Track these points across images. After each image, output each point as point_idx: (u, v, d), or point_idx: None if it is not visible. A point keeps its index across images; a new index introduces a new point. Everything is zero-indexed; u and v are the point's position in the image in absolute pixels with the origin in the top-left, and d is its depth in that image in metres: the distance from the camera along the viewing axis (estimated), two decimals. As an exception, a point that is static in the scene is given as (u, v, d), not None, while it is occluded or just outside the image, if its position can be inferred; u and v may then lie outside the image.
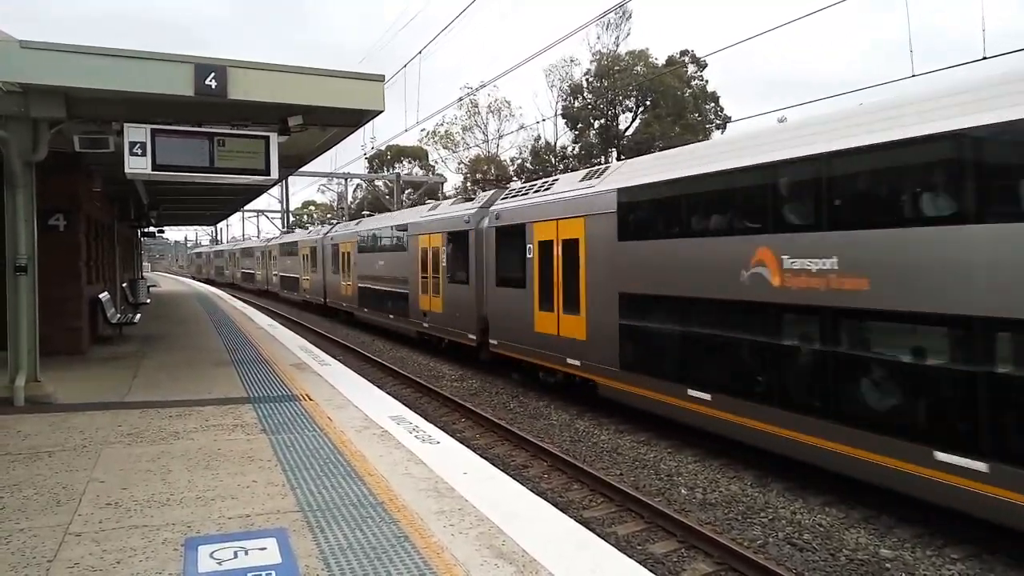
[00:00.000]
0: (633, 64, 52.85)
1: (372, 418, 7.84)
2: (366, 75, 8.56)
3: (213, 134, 8.44)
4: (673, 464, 9.70)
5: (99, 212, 15.80)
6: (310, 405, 8.50)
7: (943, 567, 6.56)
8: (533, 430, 11.72)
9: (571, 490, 8.93)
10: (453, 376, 16.84)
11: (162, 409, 8.17)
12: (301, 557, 4.20)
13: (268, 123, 8.74)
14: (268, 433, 7.13)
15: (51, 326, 10.37)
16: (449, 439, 7.24)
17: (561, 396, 13.62)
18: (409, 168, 71.28)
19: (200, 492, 5.34)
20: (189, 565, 4.08)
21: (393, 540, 4.48)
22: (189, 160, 8.37)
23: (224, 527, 4.67)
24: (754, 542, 7.22)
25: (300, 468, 5.95)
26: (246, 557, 4.20)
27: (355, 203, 69.57)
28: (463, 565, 4.13)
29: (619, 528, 7.70)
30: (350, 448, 6.59)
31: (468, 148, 63.09)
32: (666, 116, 51.51)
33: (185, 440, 6.84)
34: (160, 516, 4.84)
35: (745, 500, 8.32)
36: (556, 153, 56.35)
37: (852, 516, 7.73)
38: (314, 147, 12.08)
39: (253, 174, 8.70)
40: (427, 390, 14.99)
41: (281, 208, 62.32)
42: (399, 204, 46.44)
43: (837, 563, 6.73)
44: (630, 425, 11.54)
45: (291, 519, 4.81)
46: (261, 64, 8.15)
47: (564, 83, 55.30)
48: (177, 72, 7.67)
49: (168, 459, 6.19)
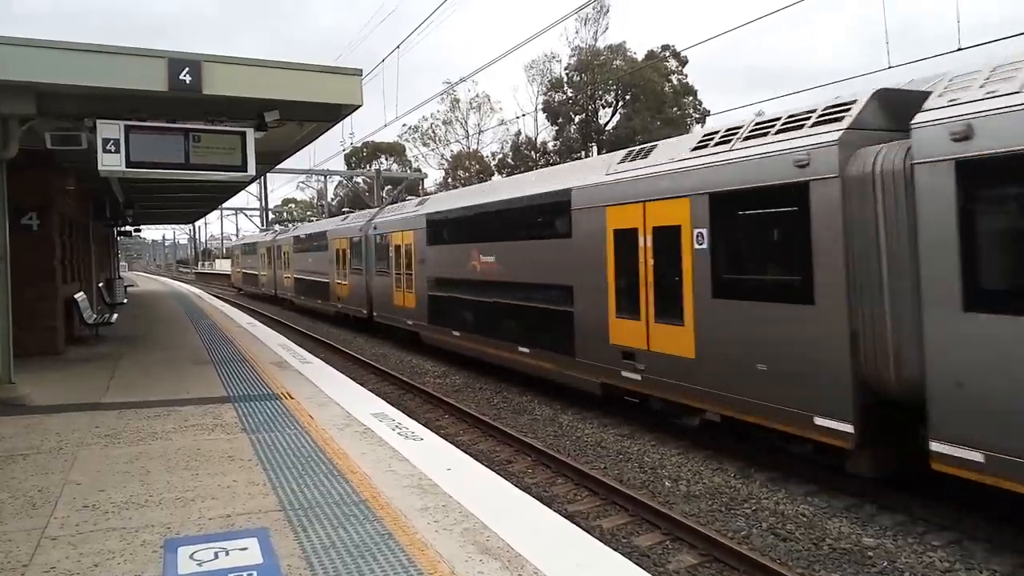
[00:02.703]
0: (612, 58, 52.97)
1: (354, 415, 7.78)
2: (343, 69, 8.51)
3: (188, 130, 8.33)
4: (656, 457, 9.72)
5: (73, 210, 15.54)
6: (291, 403, 8.41)
7: (924, 554, 6.62)
8: (517, 425, 11.70)
9: (556, 484, 8.92)
10: (436, 372, 16.78)
11: (140, 410, 8.05)
12: (283, 557, 4.14)
13: (244, 118, 8.64)
14: (249, 432, 7.05)
15: (25, 327, 10.20)
16: (433, 435, 7.20)
17: (544, 391, 13.63)
18: (387, 164, 70.96)
19: (179, 493, 5.26)
20: (169, 567, 4.01)
21: (376, 538, 4.43)
22: (164, 157, 8.25)
23: (204, 528, 4.60)
24: (738, 533, 7.24)
25: (281, 467, 5.88)
26: (227, 558, 4.14)
27: (335, 200, 69.13)
28: (448, 561, 4.10)
29: (604, 522, 7.69)
30: (332, 446, 6.53)
31: (448, 144, 62.94)
32: (646, 111, 51.71)
33: (164, 441, 6.74)
34: (139, 518, 4.76)
35: (728, 491, 8.35)
36: (537, 148, 56.36)
37: (834, 505, 7.79)
38: (292, 143, 11.97)
39: (230, 170, 8.61)
40: (410, 387, 14.91)
41: (260, 206, 61.78)
42: (379, 201, 46.15)
43: (820, 552, 6.77)
44: (614, 419, 11.56)
45: (273, 518, 4.75)
46: (237, 59, 8.05)
47: (545, 78, 55.35)
48: (150, 67, 7.55)
49: (146, 460, 6.10)
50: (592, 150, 51.13)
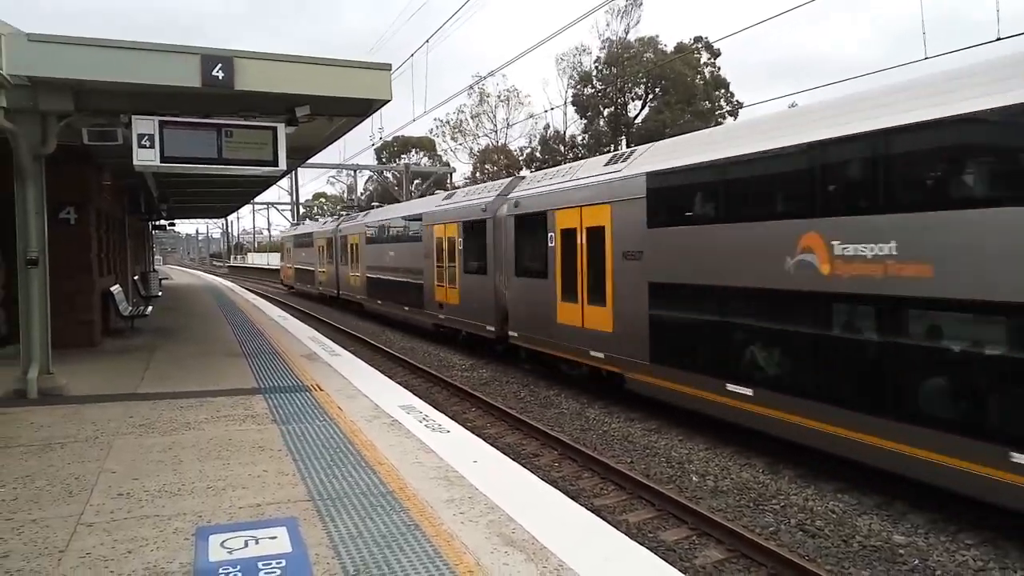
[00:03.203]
0: (643, 51, 52.48)
1: (382, 408, 7.85)
2: (373, 64, 8.55)
3: (221, 125, 8.44)
4: (684, 452, 9.67)
5: (109, 205, 15.86)
6: (320, 395, 8.52)
7: (957, 552, 6.51)
8: (544, 419, 11.71)
9: (582, 479, 8.92)
10: (463, 366, 16.86)
11: (173, 400, 8.21)
12: (311, 546, 4.21)
13: (276, 114, 8.73)
14: (279, 423, 7.15)
15: (63, 319, 10.42)
16: (459, 428, 7.24)
17: (571, 386, 13.62)
18: (417, 159, 71.24)
19: (211, 482, 5.36)
20: (200, 554, 4.10)
21: (403, 528, 4.48)
22: (197, 152, 8.38)
23: (235, 516, 4.68)
24: (766, 529, 7.19)
25: (310, 458, 5.96)
26: (256, 546, 4.21)
27: (365, 195, 69.59)
28: (473, 553, 4.13)
29: (630, 516, 7.68)
30: (360, 437, 6.60)
31: (477, 138, 62.93)
32: (676, 104, 51.20)
33: (196, 431, 6.87)
34: (171, 506, 4.86)
35: (757, 487, 8.28)
36: (566, 142, 56.13)
37: (865, 503, 7.69)
38: (322, 138, 12.06)
39: (261, 165, 8.71)
40: (437, 380, 15.01)
41: (291, 200, 62.42)
42: (408, 195, 46.41)
43: (850, 549, 6.69)
44: (641, 413, 11.52)
45: (301, 508, 4.82)
46: (268, 55, 8.14)
47: (575, 71, 55.04)
48: (184, 63, 7.68)
49: (179, 450, 6.22)
50: (622, 143, 50.80)
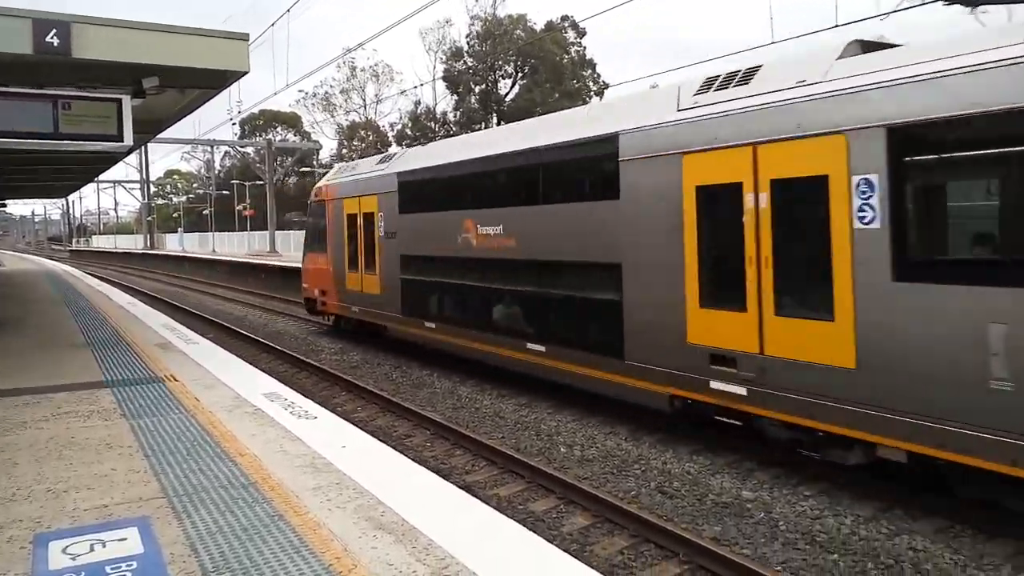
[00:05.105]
0: (512, 28, 52.78)
1: (244, 396, 7.54)
2: (229, 33, 8.10)
3: (57, 96, 7.75)
4: (553, 424, 9.97)
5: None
6: (175, 386, 8.07)
7: (797, 504, 7.13)
8: (416, 399, 11.69)
9: (454, 456, 9.00)
10: (333, 350, 16.48)
11: (7, 398, 7.51)
12: (166, 544, 4.01)
13: (121, 84, 8.11)
14: (128, 418, 6.72)
15: None
16: (327, 414, 7.09)
17: (444, 365, 13.66)
18: (283, 134, 68.52)
19: (51, 484, 4.97)
20: (38, 563, 3.80)
21: (266, 520, 4.35)
22: (29, 126, 7.68)
23: (79, 520, 4.37)
24: (628, 493, 7.56)
25: (164, 453, 5.65)
26: (104, 549, 3.96)
27: (223, 171, 66.22)
28: (341, 539, 4.08)
29: (501, 490, 7.85)
30: (219, 429, 6.32)
31: (348, 113, 61.23)
32: (545, 83, 51.97)
33: (33, 430, 6.33)
34: (4, 513, 4.47)
35: (620, 454, 8.68)
36: (437, 119, 55.68)
37: (717, 463, 8.25)
38: (174, 111, 11.33)
39: (104, 140, 8.09)
40: (305, 365, 14.59)
41: (141, 178, 58.35)
42: (271, 173, 44.54)
43: (704, 507, 7.17)
44: (512, 389, 11.75)
45: (155, 506, 4.57)
46: (110, 20, 7.52)
47: (442, 46, 54.55)
48: (13, 27, 6.95)
49: (13, 451, 5.71)
50: (492, 120, 51.04)
